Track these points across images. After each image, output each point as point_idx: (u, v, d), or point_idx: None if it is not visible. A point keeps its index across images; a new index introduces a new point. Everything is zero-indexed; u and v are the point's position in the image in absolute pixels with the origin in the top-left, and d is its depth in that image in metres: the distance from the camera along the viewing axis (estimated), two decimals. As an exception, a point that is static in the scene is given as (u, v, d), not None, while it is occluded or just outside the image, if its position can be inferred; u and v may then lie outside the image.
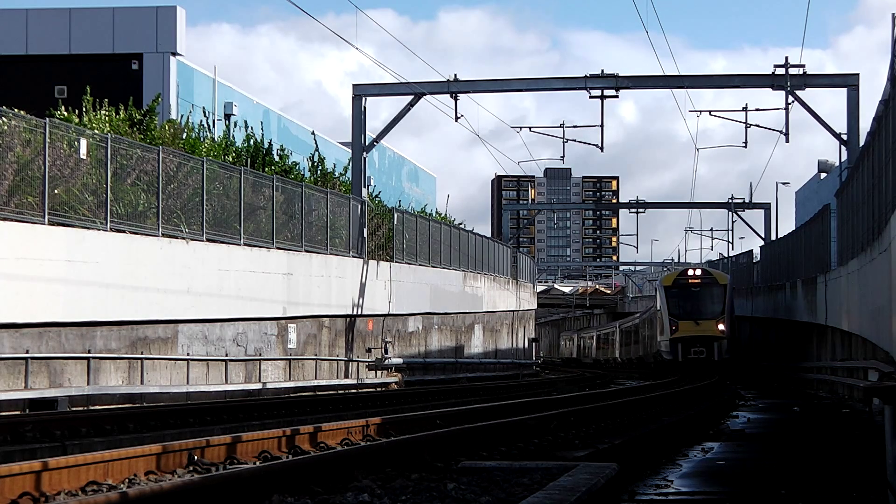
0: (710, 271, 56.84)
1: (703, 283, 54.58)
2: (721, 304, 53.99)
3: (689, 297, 54.54)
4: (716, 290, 54.44)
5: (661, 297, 56.07)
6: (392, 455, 11.04)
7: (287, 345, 35.50)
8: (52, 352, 24.96)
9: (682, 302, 54.61)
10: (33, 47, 47.90)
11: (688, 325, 53.40)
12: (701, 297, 54.39)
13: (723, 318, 53.34)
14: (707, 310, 53.96)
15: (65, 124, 28.56)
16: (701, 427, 21.32)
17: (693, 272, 55.99)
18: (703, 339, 53.10)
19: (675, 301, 54.64)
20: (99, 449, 13.16)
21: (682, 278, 55.45)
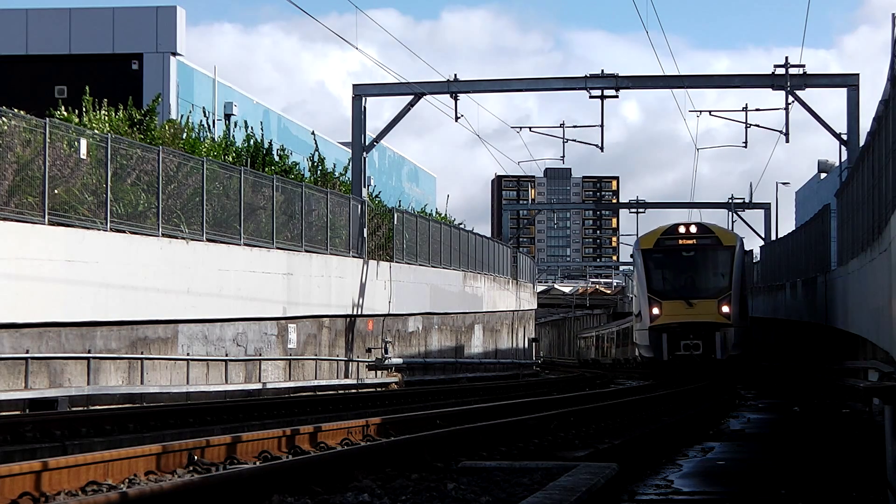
0: (710, 227, 40.56)
1: (701, 246, 39.41)
2: (727, 276, 38.97)
3: (678, 266, 39.65)
4: (720, 255, 39.33)
5: (638, 267, 40.35)
6: (392, 455, 11.04)
7: (287, 345, 35.49)
8: (52, 352, 24.96)
9: (669, 272, 39.78)
10: (33, 47, 47.89)
11: (676, 306, 38.43)
12: (696, 265, 39.55)
13: (728, 296, 38.60)
14: (705, 284, 39.22)
15: (65, 124, 28.56)
16: (701, 427, 21.32)
17: (686, 229, 39.85)
18: (698, 328, 37.94)
19: (657, 271, 39.61)
20: (99, 449, 13.16)
21: (668, 238, 39.82)
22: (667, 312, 38.45)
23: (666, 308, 38.54)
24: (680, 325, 38.15)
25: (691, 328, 38.08)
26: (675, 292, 39.01)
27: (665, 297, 38.79)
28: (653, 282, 39.20)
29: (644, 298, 39.13)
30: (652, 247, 39.76)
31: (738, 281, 39.05)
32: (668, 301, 38.66)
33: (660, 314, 38.50)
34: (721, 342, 37.71)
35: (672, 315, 38.34)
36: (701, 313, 38.29)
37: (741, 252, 40.12)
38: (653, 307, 38.60)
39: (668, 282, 39.54)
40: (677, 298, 38.58)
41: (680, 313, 38.31)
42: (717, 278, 39.21)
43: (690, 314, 38.27)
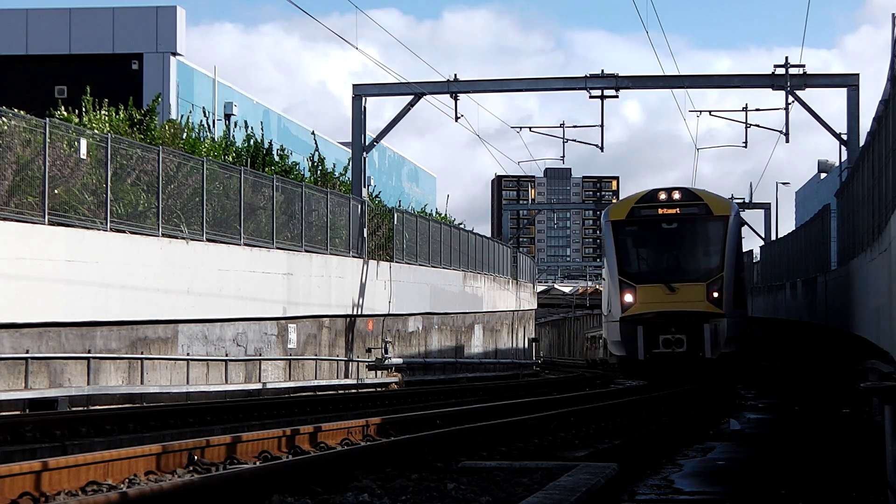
0: (697, 193, 33.70)
1: (686, 216, 32.85)
2: (718, 254, 32.50)
3: (657, 242, 33.52)
4: (710, 227, 32.84)
5: (606, 244, 33.70)
6: (392, 455, 11.04)
7: (287, 345, 35.49)
8: (52, 352, 24.96)
9: (645, 250, 33.82)
10: (33, 47, 47.90)
11: (654, 292, 32.05)
12: (680, 240, 33.06)
13: (720, 279, 32.09)
14: (691, 264, 32.87)
15: (65, 124, 28.56)
16: (701, 427, 21.32)
17: (667, 195, 33.23)
18: (682, 319, 31.66)
19: (630, 249, 33.36)
20: (99, 449, 13.16)
21: (645, 206, 33.32)
22: (642, 300, 31.76)
23: (641, 294, 31.83)
24: (659, 316, 31.54)
25: (673, 319, 31.47)
26: (652, 275, 32.46)
27: (640, 280, 32.22)
28: (625, 262, 32.64)
29: (614, 283, 32.23)
30: (624, 218, 32.87)
31: (733, 260, 32.30)
32: (643, 286, 32.00)
33: (633, 302, 31.83)
34: (711, 336, 31.23)
35: (649, 303, 31.77)
36: (685, 301, 31.58)
37: (736, 224, 32.97)
38: (625, 293, 31.98)
39: (643, 261, 33.25)
40: (656, 282, 31.98)
41: (659, 301, 31.68)
42: (707, 257, 32.62)
43: (672, 302, 31.65)
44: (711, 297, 31.84)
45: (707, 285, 32.03)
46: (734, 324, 32.11)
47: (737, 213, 33.57)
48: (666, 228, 33.05)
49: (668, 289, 32.01)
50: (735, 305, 32.34)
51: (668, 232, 33.05)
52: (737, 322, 32.47)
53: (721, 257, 32.31)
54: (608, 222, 33.37)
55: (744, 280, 34.49)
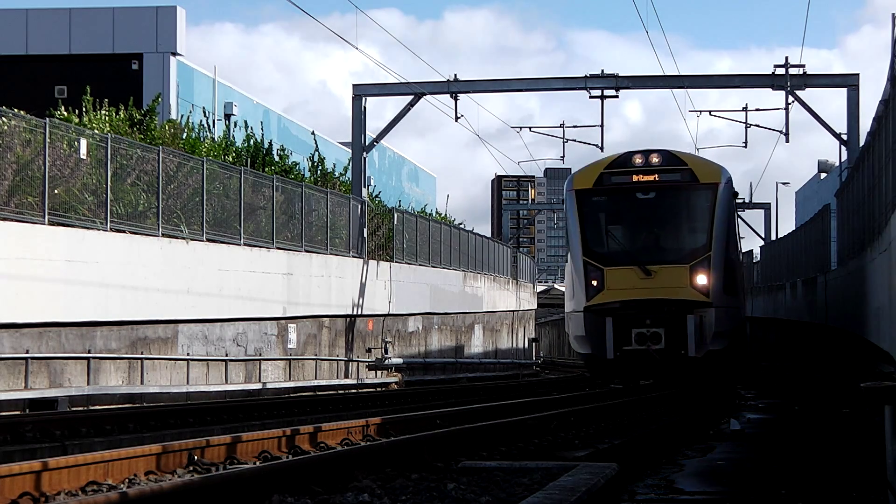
0: (680, 157, 28.47)
1: (666, 185, 27.81)
2: (705, 231, 27.52)
3: (630, 215, 28.33)
4: (695, 197, 27.89)
5: (569, 218, 28.48)
6: (392, 455, 11.04)
7: (287, 345, 35.50)
8: (52, 352, 24.96)
9: (616, 225, 28.68)
10: (33, 47, 47.90)
11: (626, 276, 27.24)
12: (659, 213, 27.98)
13: (707, 259, 27.21)
14: (672, 242, 28.00)
15: (65, 124, 28.57)
16: (701, 427, 21.32)
17: (643, 158, 28.03)
18: (660, 310, 26.98)
19: (598, 224, 28.35)
20: (99, 449, 13.16)
21: (616, 172, 28.12)
22: (612, 286, 26.95)
23: (611, 279, 27.05)
24: (632, 305, 26.83)
25: (649, 309, 26.77)
26: (624, 255, 27.57)
27: (609, 262, 27.27)
28: (591, 239, 27.62)
29: (577, 265, 27.42)
30: (591, 186, 27.76)
31: (723, 238, 27.38)
32: (613, 269, 27.14)
33: (601, 288, 26.95)
34: (696, 330, 26.48)
35: (620, 289, 26.93)
36: (664, 287, 26.79)
37: (727, 194, 27.84)
38: (591, 278, 27.07)
39: (614, 239, 28.21)
40: (628, 264, 27.11)
41: (632, 287, 26.86)
42: (691, 233, 27.76)
43: (648, 288, 26.83)
44: (696, 282, 26.81)
45: (691, 268, 26.85)
46: (724, 315, 27.14)
47: (728, 182, 28.02)
48: (641, 199, 27.72)
49: (643, 272, 26.83)
50: (725, 292, 27.36)
51: (645, 203, 27.76)
52: (727, 313, 27.43)
53: (708, 234, 27.11)
54: (571, 191, 28.15)
55: (736, 263, 29.14)
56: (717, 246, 27.35)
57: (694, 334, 26.72)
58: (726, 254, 27.70)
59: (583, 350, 27.98)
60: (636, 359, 26.98)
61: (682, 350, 26.79)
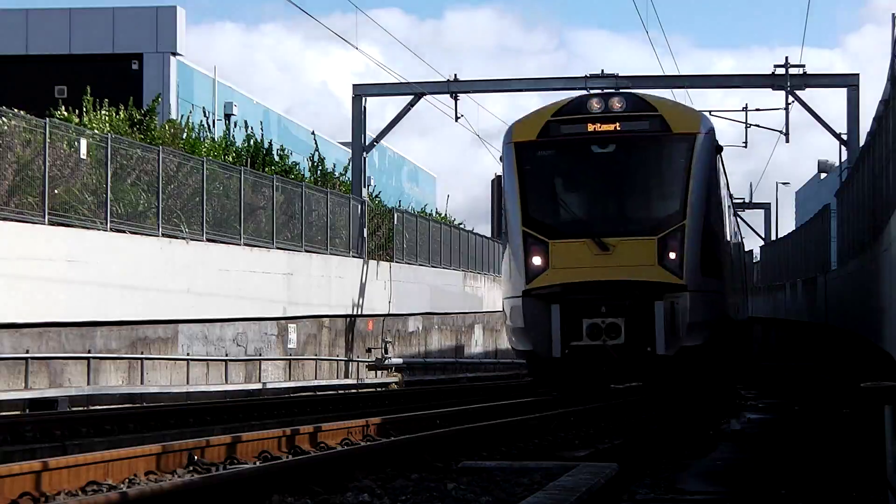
0: (649, 102, 22.91)
1: (630, 136, 22.39)
2: (678, 194, 22.07)
3: (583, 174, 22.93)
4: (667, 152, 22.51)
5: (507, 178, 22.95)
6: (392, 455, 11.04)
7: (287, 345, 35.50)
8: (52, 352, 24.96)
9: (564, 188, 23.16)
10: (33, 47, 47.91)
11: (576, 252, 21.85)
12: (619, 170, 22.61)
13: (681, 229, 21.76)
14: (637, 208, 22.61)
15: (65, 124, 28.58)
16: (701, 427, 21.31)
17: (601, 103, 22.46)
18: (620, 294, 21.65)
19: (541, 186, 22.79)
20: (99, 449, 13.15)
21: (566, 120, 22.52)
22: (559, 264, 21.57)
23: (558, 255, 21.61)
24: (584, 289, 21.37)
25: (606, 294, 21.40)
26: (575, 225, 22.14)
27: (556, 233, 21.88)
28: (533, 205, 22.14)
29: (515, 238, 22.03)
30: (535, 138, 22.31)
31: (702, 203, 21.86)
32: (561, 242, 21.71)
33: (545, 267, 21.59)
34: (666, 321, 21.10)
35: (569, 269, 21.57)
36: (625, 265, 21.40)
37: (708, 148, 22.26)
38: (532, 254, 21.71)
39: (562, 205, 22.74)
40: (580, 236, 21.68)
41: (584, 265, 21.47)
42: (661, 197, 22.29)
43: (605, 267, 21.44)
44: (667, 258, 21.41)
45: (660, 241, 21.46)
46: (702, 301, 21.75)
47: (710, 133, 22.49)
48: (598, 154, 22.23)
49: (598, 246, 21.42)
50: (705, 273, 21.87)
51: (602, 159, 22.31)
52: (707, 299, 22.05)
53: (683, 198, 21.63)
54: (510, 145, 22.54)
55: (719, 235, 23.40)
56: (693, 213, 21.62)
57: (663, 326, 21.06)
58: (706, 223, 21.94)
59: (521, 346, 22.33)
60: (589, 358, 21.39)
61: (648, 346, 21.21)
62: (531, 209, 22.33)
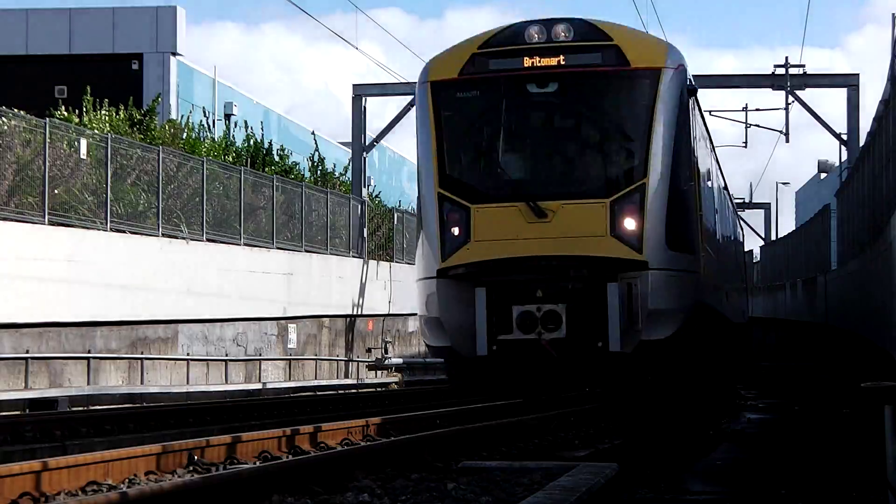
0: (601, 29, 18.06)
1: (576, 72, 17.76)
2: (638, 146, 17.53)
3: (516, 122, 18.17)
4: (621, 92, 18.01)
5: (422, 125, 18.25)
6: (392, 455, 11.04)
7: (287, 345, 35.50)
8: (52, 352, 24.96)
9: (491, 137, 18.31)
10: (33, 47, 47.91)
11: (505, 219, 17.38)
12: (562, 117, 18.46)
13: (641, 189, 17.24)
14: (584, 164, 18.08)
15: (65, 124, 28.60)
16: (701, 427, 21.32)
17: (542, 32, 17.79)
18: (562, 274, 17.20)
19: (464, 136, 18.33)
20: (99, 449, 13.15)
21: (496, 53, 17.96)
22: (484, 234, 17.28)
23: (483, 224, 17.30)
24: (515, 267, 17.12)
25: (543, 272, 17.10)
26: (505, 186, 17.78)
27: (481, 196, 17.54)
28: (452, 160, 17.77)
29: (430, 203, 17.66)
30: (457, 76, 17.90)
31: (669, 156, 17.39)
32: (487, 207, 17.43)
33: (465, 239, 17.31)
34: (621, 309, 16.79)
35: (497, 241, 17.22)
36: (569, 235, 17.08)
37: (677, 87, 17.77)
38: (450, 223, 17.41)
39: (489, 160, 18.10)
40: (511, 199, 17.37)
41: (517, 236, 17.20)
42: (616, 150, 17.96)
43: (543, 238, 17.12)
44: (622, 227, 17.05)
45: (614, 204, 17.08)
46: (670, 282, 17.20)
47: (680, 68, 17.96)
48: (537, 95, 17.80)
49: (534, 212, 17.09)
50: (672, 245, 17.32)
51: (541, 101, 17.98)
52: (675, 279, 17.36)
53: (644, 150, 17.27)
54: (425, 84, 18.11)
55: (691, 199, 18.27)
56: (657, 168, 17.20)
57: (618, 315, 16.68)
58: (674, 181, 17.39)
59: (436, 342, 17.96)
60: (520, 356, 17.26)
61: (599, 341, 16.92)
62: (449, 166, 17.73)
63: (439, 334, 18.00)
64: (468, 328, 17.39)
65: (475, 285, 17.30)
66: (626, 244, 17.22)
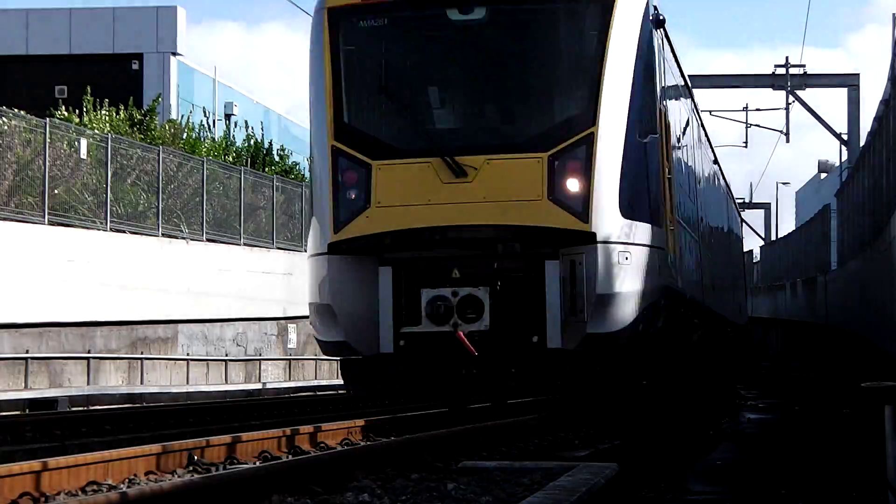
0: None
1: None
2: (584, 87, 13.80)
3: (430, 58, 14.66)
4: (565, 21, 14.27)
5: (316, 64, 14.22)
6: (392, 455, 11.04)
7: (287, 345, 35.50)
8: (52, 352, 24.97)
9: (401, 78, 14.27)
10: (33, 47, 47.91)
11: (415, 179, 13.59)
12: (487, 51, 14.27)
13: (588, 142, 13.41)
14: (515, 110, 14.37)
15: (65, 124, 28.61)
16: (701, 427, 21.32)
17: None
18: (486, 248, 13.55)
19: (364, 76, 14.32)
20: (99, 449, 13.15)
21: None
22: (389, 198, 13.87)
23: (386, 185, 13.92)
24: (426, 239, 13.85)
25: (462, 247, 13.87)
26: (415, 137, 14.18)
27: (384, 150, 14.16)
28: (350, 105, 14.44)
29: (322, 158, 14.25)
30: (360, 0, 14.51)
31: (624, 100, 13.97)
32: (392, 164, 14.01)
33: (364, 204, 13.92)
34: (563, 294, 13.51)
35: (405, 208, 13.85)
36: (495, 199, 13.66)
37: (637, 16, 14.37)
38: (345, 185, 14.07)
39: (395, 104, 14.32)
40: (422, 154, 13.93)
41: (429, 200, 13.75)
42: (555, 92, 14.63)
43: (461, 203, 13.70)
44: (563, 189, 13.60)
45: (553, 160, 13.62)
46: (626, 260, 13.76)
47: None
48: (459, 25, 14.34)
49: (451, 170, 13.67)
50: (627, 213, 13.82)
51: (464, 33, 14.43)
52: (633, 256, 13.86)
53: (592, 93, 13.89)
54: (321, 12, 14.56)
55: (655, 156, 14.85)
56: (610, 116, 13.70)
57: (559, 301, 13.42)
58: (632, 133, 13.90)
59: (327, 335, 14.19)
60: (432, 353, 13.68)
61: (534, 335, 13.59)
62: (347, 113, 14.24)
63: (331, 326, 14.14)
64: (368, 318, 13.82)
65: (379, 264, 13.84)
66: (569, 211, 13.54)
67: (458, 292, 13.55)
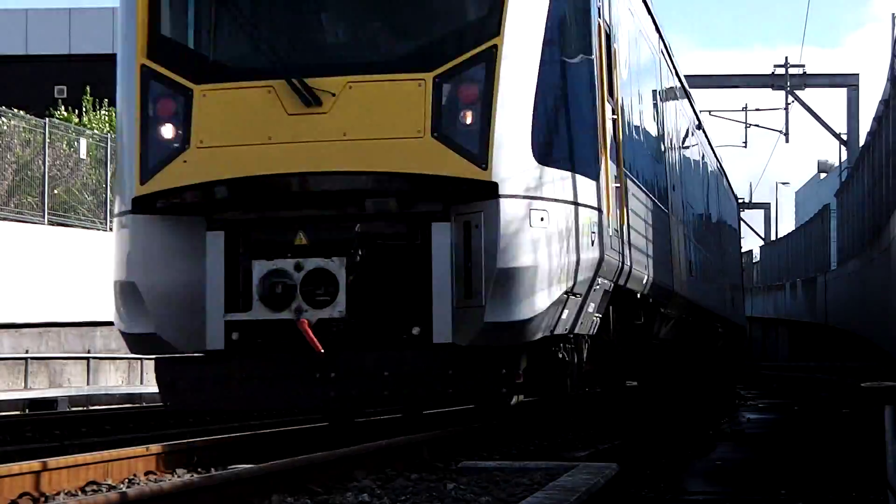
0: None
1: None
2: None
3: None
4: None
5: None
6: (392, 455, 11.04)
7: (287, 345, 35.54)
8: (52, 352, 24.97)
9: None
10: (33, 47, 47.92)
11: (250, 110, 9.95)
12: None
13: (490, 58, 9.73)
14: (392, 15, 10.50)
15: (64, 124, 28.64)
16: (701, 427, 21.33)
17: None
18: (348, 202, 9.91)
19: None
20: (99, 449, 13.17)
21: None
22: (215, 137, 10.18)
23: (213, 118, 10.19)
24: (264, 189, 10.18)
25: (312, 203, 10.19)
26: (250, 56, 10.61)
27: (210, 70, 10.50)
28: (165, 14, 10.79)
29: (128, 80, 11.05)
30: None
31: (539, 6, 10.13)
32: (219, 88, 10.25)
33: (184, 143, 10.25)
34: (453, 269, 9.94)
35: (236, 149, 10.13)
36: (359, 137, 9.92)
37: None
38: (158, 120, 10.36)
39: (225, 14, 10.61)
40: (259, 76, 10.17)
41: (268, 139, 10.04)
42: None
43: (312, 143, 9.95)
44: (454, 121, 10.06)
45: (438, 82, 10.00)
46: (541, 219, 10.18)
47: None
48: None
49: (301, 96, 10.07)
50: (544, 156, 10.32)
51: None
52: (553, 215, 10.31)
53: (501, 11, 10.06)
54: None
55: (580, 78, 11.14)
56: (520, 21, 10.25)
57: (449, 279, 10.17)
58: (552, 48, 10.55)
59: (132, 326, 11.95)
60: (271, 350, 10.62)
61: (413, 325, 10.46)
62: (163, 23, 10.98)
63: (136, 312, 11.68)
64: (190, 303, 10.65)
65: (207, 227, 10.51)
66: (461, 153, 9.99)
67: (302, 265, 10.03)
